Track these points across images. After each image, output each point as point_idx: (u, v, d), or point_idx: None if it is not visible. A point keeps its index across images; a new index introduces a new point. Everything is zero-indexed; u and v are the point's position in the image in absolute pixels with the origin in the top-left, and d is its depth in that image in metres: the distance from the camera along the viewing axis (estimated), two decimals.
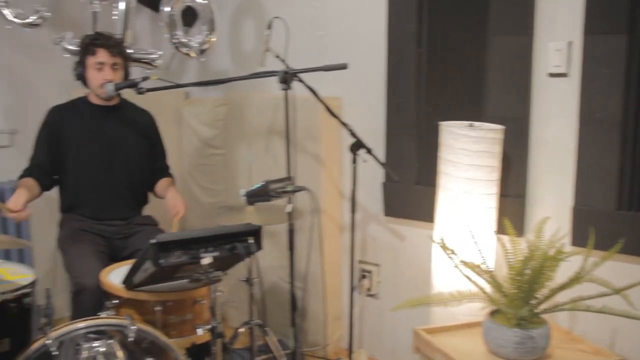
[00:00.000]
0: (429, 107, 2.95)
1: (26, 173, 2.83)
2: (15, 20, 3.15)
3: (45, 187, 2.86)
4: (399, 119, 3.04)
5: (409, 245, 3.15)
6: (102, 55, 2.80)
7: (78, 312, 2.47)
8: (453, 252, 2.32)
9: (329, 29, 3.32)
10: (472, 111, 2.79)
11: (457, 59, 2.85)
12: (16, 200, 2.54)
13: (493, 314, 2.25)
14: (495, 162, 2.52)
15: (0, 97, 3.47)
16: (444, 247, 2.34)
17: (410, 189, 3.04)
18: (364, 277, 3.35)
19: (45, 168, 2.87)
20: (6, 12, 3.13)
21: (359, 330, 3.38)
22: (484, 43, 2.71)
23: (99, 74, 2.82)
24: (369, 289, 3.34)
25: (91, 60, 2.81)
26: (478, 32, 2.74)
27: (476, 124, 2.59)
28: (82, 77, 2.88)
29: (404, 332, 3.20)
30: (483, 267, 2.25)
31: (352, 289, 2.75)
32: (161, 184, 3.09)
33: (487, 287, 2.28)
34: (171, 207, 2.88)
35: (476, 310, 2.45)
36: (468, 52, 2.81)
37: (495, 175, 2.53)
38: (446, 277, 2.58)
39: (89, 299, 2.45)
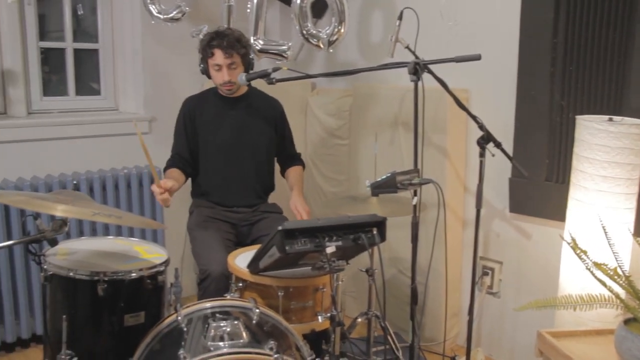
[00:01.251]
0: (563, 100, 2.81)
1: (170, 163, 2.99)
2: (159, 15, 3.35)
3: (188, 174, 3.01)
4: (530, 112, 2.93)
5: (535, 243, 3.04)
6: (218, 57, 2.85)
7: (204, 298, 2.58)
8: (585, 253, 2.20)
9: (458, 19, 3.25)
10: (611, 105, 2.63)
11: (597, 48, 2.69)
12: (166, 181, 2.70)
13: (628, 322, 2.11)
14: (637, 160, 2.36)
15: (143, 87, 3.69)
16: (575, 247, 2.23)
17: (539, 186, 2.93)
18: (485, 274, 3.27)
19: (186, 156, 3.01)
20: (151, 8, 3.34)
21: (477, 328, 3.31)
22: (629, 31, 2.55)
23: (218, 74, 2.90)
24: (490, 287, 3.26)
25: (210, 62, 2.89)
26: (623, 19, 2.57)
27: (616, 118, 2.44)
28: (206, 73, 2.98)
29: (524, 334, 3.11)
30: (618, 271, 2.12)
31: (474, 286, 2.69)
32: (290, 174, 3.16)
33: (622, 293, 2.15)
34: (293, 211, 2.93)
35: (608, 317, 2.32)
36: (610, 41, 2.64)
37: (636, 173, 2.37)
38: (575, 279, 2.46)
39: (214, 286, 2.56)
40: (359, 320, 2.87)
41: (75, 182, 3.09)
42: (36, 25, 3.38)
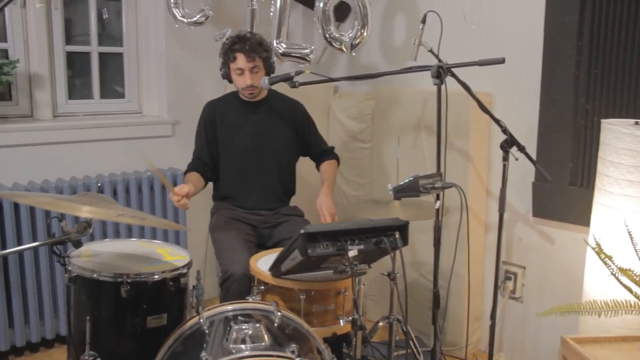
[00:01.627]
0: (588, 104, 2.78)
1: (190, 167, 3.01)
2: (183, 19, 3.38)
3: (208, 178, 3.03)
4: (553, 115, 2.90)
5: (559, 248, 3.01)
6: (240, 61, 2.86)
7: (225, 298, 2.59)
8: (610, 259, 2.17)
9: (482, 22, 3.23)
10: (637, 108, 2.61)
11: (622, 51, 2.66)
12: (181, 188, 2.71)
13: None
14: None
15: (166, 90, 3.72)
16: (599, 252, 2.21)
17: (563, 190, 2.90)
18: (508, 278, 3.24)
19: (206, 161, 3.03)
20: (175, 12, 3.37)
21: (499, 333, 3.28)
22: None
23: (240, 78, 2.91)
24: (512, 292, 3.23)
25: (232, 66, 2.90)
26: None
27: None
28: (227, 77, 2.99)
29: (548, 339, 3.07)
30: None
31: (496, 291, 2.67)
32: (323, 168, 3.15)
33: None
34: (318, 211, 2.92)
35: (633, 324, 2.29)
36: (637, 44, 2.61)
37: None
38: (600, 285, 2.43)
39: (236, 286, 2.57)
40: (381, 324, 2.86)
41: (99, 184, 3.12)
42: (62, 30, 3.43)
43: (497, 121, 2.54)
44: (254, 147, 3.02)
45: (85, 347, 2.08)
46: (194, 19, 3.38)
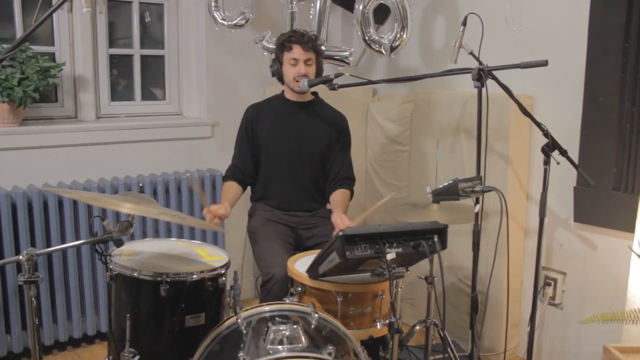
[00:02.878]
0: (634, 107, 2.71)
1: (229, 173, 3.03)
2: (224, 22, 3.42)
3: (246, 185, 3.05)
4: (597, 119, 2.84)
5: (601, 254, 2.95)
6: (296, 52, 2.91)
7: (267, 299, 2.60)
8: None
9: (524, 24, 3.19)
10: None
11: None
12: (218, 208, 2.74)
13: None
14: None
15: (206, 92, 3.76)
16: None
17: (606, 195, 2.83)
18: (547, 284, 3.18)
19: (245, 166, 3.04)
20: (216, 15, 3.41)
21: (538, 340, 3.23)
22: None
23: (294, 69, 2.93)
24: (552, 298, 3.18)
25: (287, 57, 2.94)
26: None
27: None
28: (277, 73, 3.02)
29: (589, 347, 3.01)
30: None
31: (536, 296, 2.63)
32: (336, 197, 3.00)
33: None
34: (335, 225, 2.82)
35: None
36: None
37: None
38: None
39: (278, 287, 2.58)
40: (417, 327, 2.84)
41: (140, 184, 3.17)
42: (106, 33, 3.50)
43: (538, 124, 2.50)
44: (294, 148, 3.03)
45: (125, 344, 2.11)
46: (234, 21, 3.41)
